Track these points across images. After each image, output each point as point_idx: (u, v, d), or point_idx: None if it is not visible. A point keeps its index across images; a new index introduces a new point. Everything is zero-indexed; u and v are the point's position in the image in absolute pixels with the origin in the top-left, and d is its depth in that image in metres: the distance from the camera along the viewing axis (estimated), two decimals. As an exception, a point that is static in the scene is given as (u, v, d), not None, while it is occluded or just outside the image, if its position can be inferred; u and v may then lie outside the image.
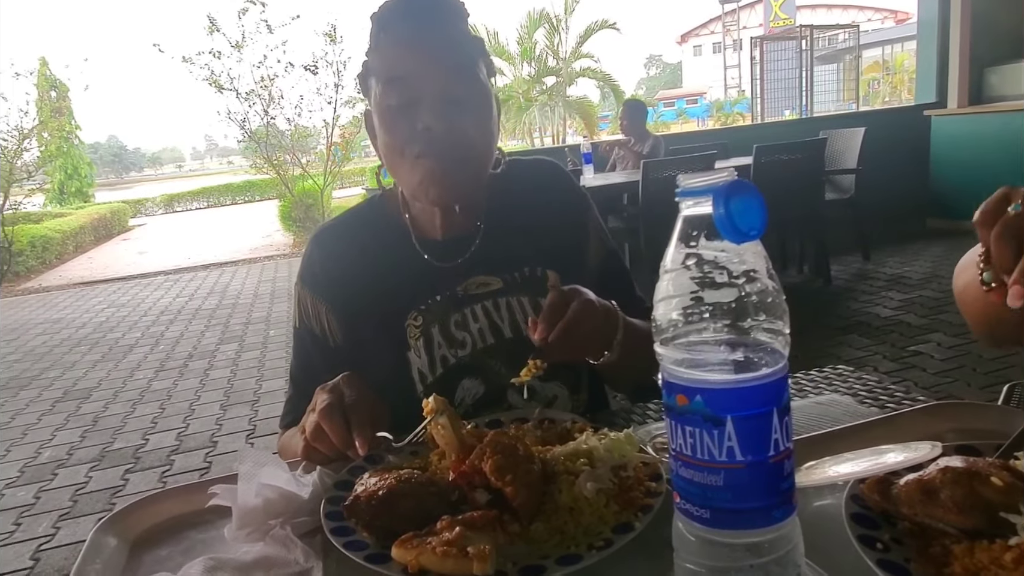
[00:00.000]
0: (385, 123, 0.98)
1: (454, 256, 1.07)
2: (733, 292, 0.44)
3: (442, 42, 0.97)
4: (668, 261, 0.47)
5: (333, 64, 11.31)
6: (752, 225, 0.42)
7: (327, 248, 1.11)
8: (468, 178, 1.00)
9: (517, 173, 1.13)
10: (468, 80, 0.97)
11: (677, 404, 0.46)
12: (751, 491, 0.44)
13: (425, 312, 1.04)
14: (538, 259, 1.08)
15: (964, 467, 0.55)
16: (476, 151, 0.99)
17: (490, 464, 0.66)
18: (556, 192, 1.16)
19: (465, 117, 0.96)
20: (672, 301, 0.46)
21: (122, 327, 6.74)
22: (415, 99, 0.95)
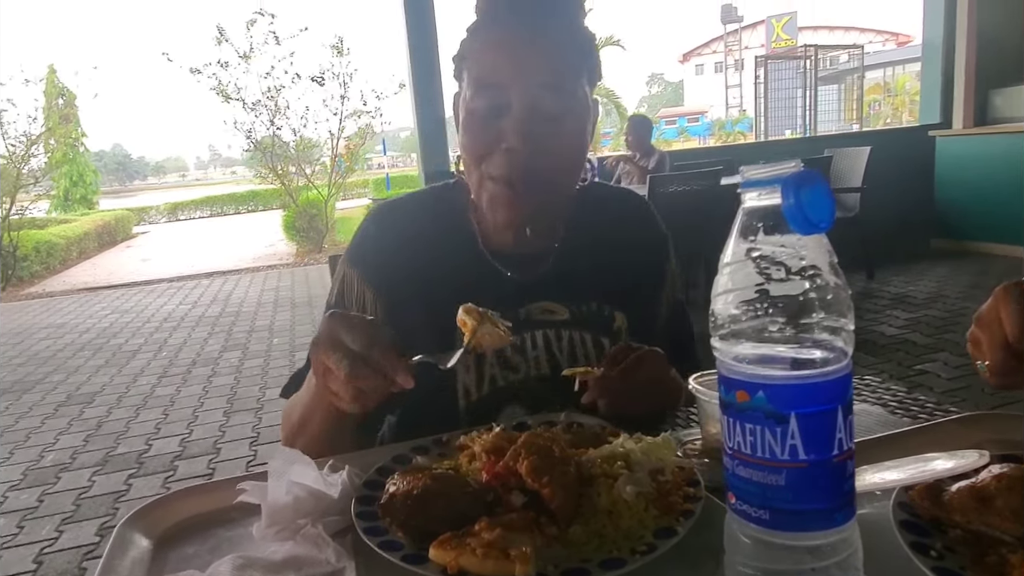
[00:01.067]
0: (468, 126, 0.93)
1: (522, 271, 1.00)
2: (797, 286, 0.43)
3: (544, 52, 0.90)
4: (728, 254, 0.46)
5: (339, 76, 11.41)
6: (822, 216, 0.41)
7: (386, 230, 1.03)
8: (544, 204, 0.95)
9: (603, 201, 1.07)
10: (564, 96, 0.91)
11: (737, 400, 0.45)
12: (814, 491, 0.43)
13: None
14: (609, 298, 1.02)
15: (1020, 474, 0.53)
16: (558, 176, 0.94)
17: (526, 465, 0.65)
18: (640, 230, 1.10)
19: (553, 137, 0.90)
20: (731, 295, 0.45)
21: (125, 333, 6.72)
22: (503, 108, 0.90)
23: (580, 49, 0.94)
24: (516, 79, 0.89)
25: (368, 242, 1.03)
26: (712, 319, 0.47)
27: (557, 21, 0.92)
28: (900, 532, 0.55)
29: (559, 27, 0.92)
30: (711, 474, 0.69)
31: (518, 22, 0.91)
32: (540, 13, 0.91)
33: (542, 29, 0.91)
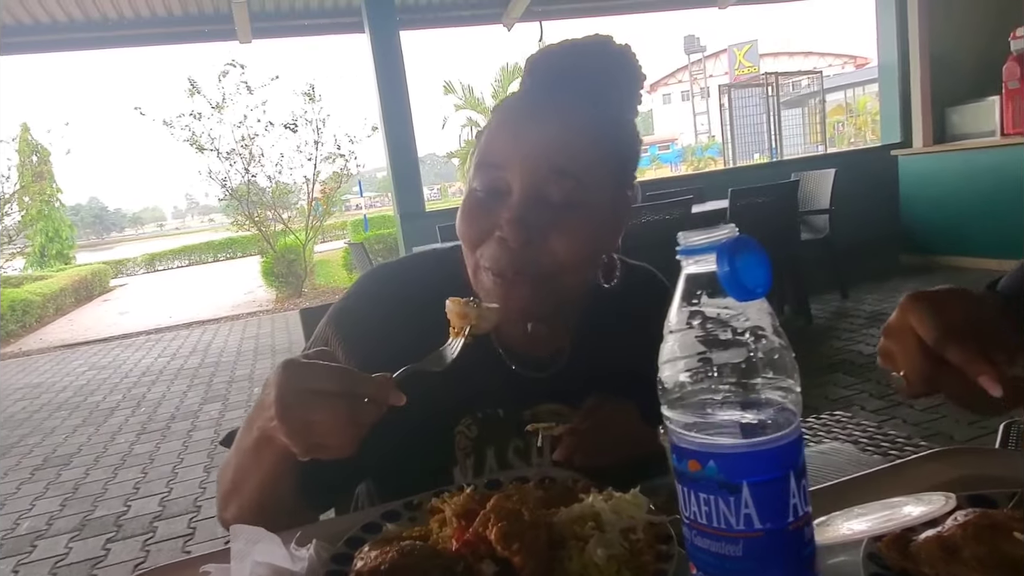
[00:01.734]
0: (464, 208, 0.84)
1: (534, 366, 0.91)
2: (741, 351, 0.43)
3: (557, 133, 0.80)
4: (672, 321, 0.46)
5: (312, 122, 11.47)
6: (758, 282, 0.42)
7: (378, 299, 0.91)
8: (542, 304, 0.84)
9: (622, 294, 0.93)
10: (575, 183, 0.80)
11: (689, 470, 0.44)
12: (773, 561, 0.43)
13: (483, 423, 0.90)
14: (625, 396, 0.91)
15: (985, 522, 0.53)
16: (560, 273, 0.82)
17: (495, 532, 0.64)
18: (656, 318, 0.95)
19: (556, 229, 0.80)
20: (679, 363, 0.45)
21: (103, 389, 6.59)
22: (503, 192, 0.81)
23: (614, 141, 0.85)
24: (518, 160, 0.80)
25: (357, 309, 0.93)
26: (660, 386, 0.47)
27: (588, 103, 0.82)
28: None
29: (587, 109, 0.82)
30: (683, 529, 0.69)
31: (542, 98, 0.83)
32: (573, 92, 0.82)
33: (564, 108, 0.82)
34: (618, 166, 0.86)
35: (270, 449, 0.76)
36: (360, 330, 0.91)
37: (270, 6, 7.30)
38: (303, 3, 7.33)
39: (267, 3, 7.23)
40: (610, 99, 0.86)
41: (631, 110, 0.89)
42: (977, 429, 3.12)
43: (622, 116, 0.88)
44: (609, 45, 0.85)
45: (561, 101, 0.83)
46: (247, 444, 0.79)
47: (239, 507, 0.84)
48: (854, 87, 27.11)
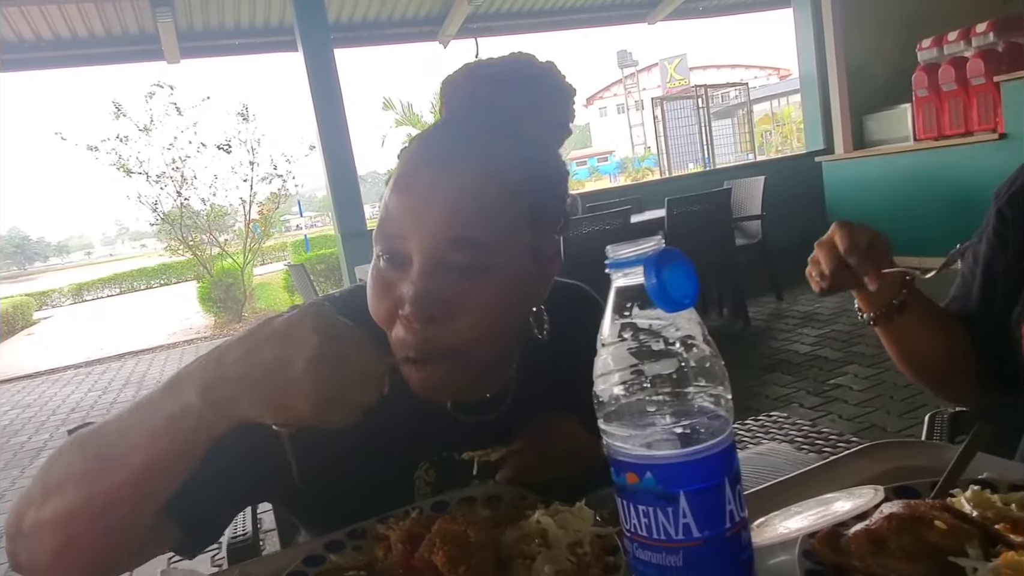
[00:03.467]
0: (371, 281, 0.76)
1: (476, 410, 0.87)
2: (672, 361, 0.44)
3: (445, 203, 0.71)
4: (605, 334, 0.47)
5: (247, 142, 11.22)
6: (685, 293, 0.43)
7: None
8: (455, 382, 0.78)
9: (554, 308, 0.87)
10: (480, 250, 0.72)
11: (628, 483, 0.45)
12: (712, 568, 0.44)
13: (439, 467, 0.87)
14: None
15: (908, 513, 0.56)
16: (469, 351, 0.74)
17: (441, 556, 0.63)
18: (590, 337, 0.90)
19: (463, 298, 0.72)
20: (613, 376, 0.46)
21: (28, 429, 6.23)
22: (404, 261, 0.73)
23: (528, 189, 0.76)
24: (415, 229, 0.72)
25: None
26: (596, 399, 0.47)
27: (502, 144, 0.75)
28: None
29: (496, 159, 0.74)
30: (628, 540, 0.69)
31: (446, 150, 0.75)
32: (486, 131, 0.75)
33: (466, 164, 0.73)
34: (535, 214, 0.77)
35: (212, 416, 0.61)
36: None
37: (199, 25, 7.13)
38: (233, 22, 7.19)
39: (195, 22, 7.06)
40: (532, 128, 0.79)
41: (560, 133, 0.83)
42: (907, 420, 3.27)
43: (542, 152, 0.81)
44: (532, 65, 0.80)
45: (465, 153, 0.74)
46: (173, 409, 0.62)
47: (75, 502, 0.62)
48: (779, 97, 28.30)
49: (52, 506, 0.63)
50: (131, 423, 0.64)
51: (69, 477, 0.64)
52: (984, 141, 5.81)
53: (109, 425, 0.65)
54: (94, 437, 0.66)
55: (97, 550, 0.65)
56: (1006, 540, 0.54)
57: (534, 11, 8.40)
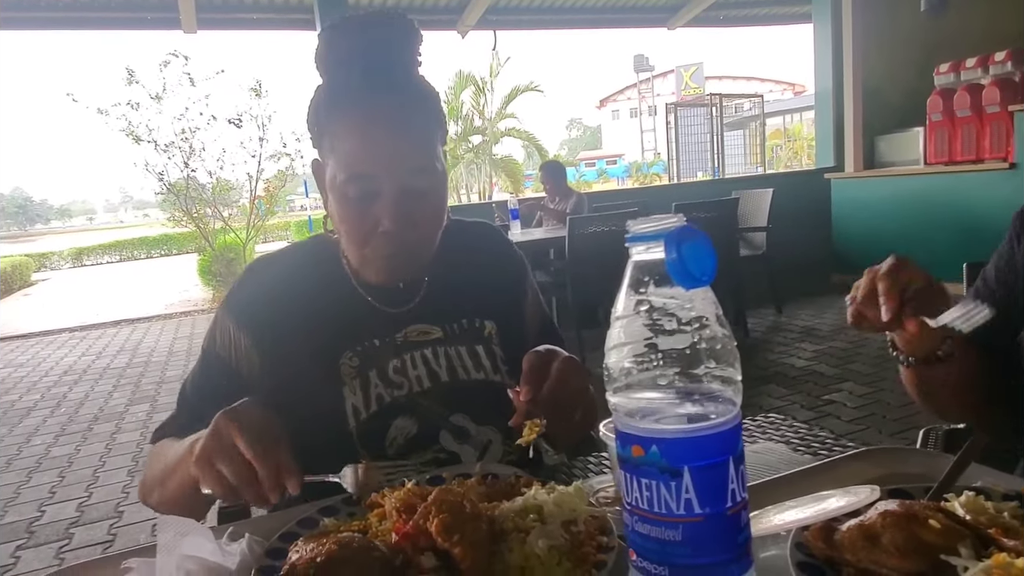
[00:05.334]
0: (343, 211, 0.99)
1: (397, 303, 1.09)
2: (685, 339, 0.44)
3: (411, 138, 0.98)
4: (619, 307, 0.47)
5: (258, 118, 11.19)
6: (704, 270, 0.43)
7: (261, 279, 1.09)
8: (419, 261, 1.05)
9: (461, 233, 1.15)
10: (428, 173, 0.99)
11: (633, 456, 0.45)
12: (711, 545, 0.44)
13: (362, 354, 1.04)
14: (478, 311, 1.12)
15: (903, 511, 0.56)
16: (428, 240, 1.03)
17: (436, 523, 0.63)
18: (497, 254, 1.21)
19: (422, 212, 0.99)
20: (624, 348, 0.46)
21: (19, 389, 6.23)
22: (375, 193, 0.97)
23: (435, 117, 1.02)
24: (387, 169, 0.96)
25: (245, 292, 1.08)
26: (606, 373, 0.47)
27: (407, 100, 0.98)
28: (797, 574, 0.57)
29: (411, 104, 0.99)
30: (623, 522, 0.70)
31: (379, 99, 0.97)
32: (390, 98, 0.97)
33: (405, 109, 0.98)
34: (442, 136, 1.03)
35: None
36: (252, 311, 1.06)
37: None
38: (253, -4, 7.18)
39: (215, -7, 7.04)
40: (407, 60, 1.01)
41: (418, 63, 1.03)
42: (898, 440, 3.28)
43: (423, 82, 1.03)
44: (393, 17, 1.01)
45: (391, 93, 0.97)
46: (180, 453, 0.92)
47: (160, 498, 0.99)
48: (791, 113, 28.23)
49: (157, 496, 1.01)
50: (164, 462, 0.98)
51: (154, 485, 1.00)
52: (994, 169, 5.81)
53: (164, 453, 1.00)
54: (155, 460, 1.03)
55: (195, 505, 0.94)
56: (998, 544, 0.54)
57: (555, 7, 8.38)
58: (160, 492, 0.99)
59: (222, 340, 1.06)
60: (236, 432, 0.79)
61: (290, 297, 1.06)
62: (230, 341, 1.05)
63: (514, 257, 1.22)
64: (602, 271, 4.74)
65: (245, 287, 1.09)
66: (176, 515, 0.86)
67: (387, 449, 1.00)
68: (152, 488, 1.01)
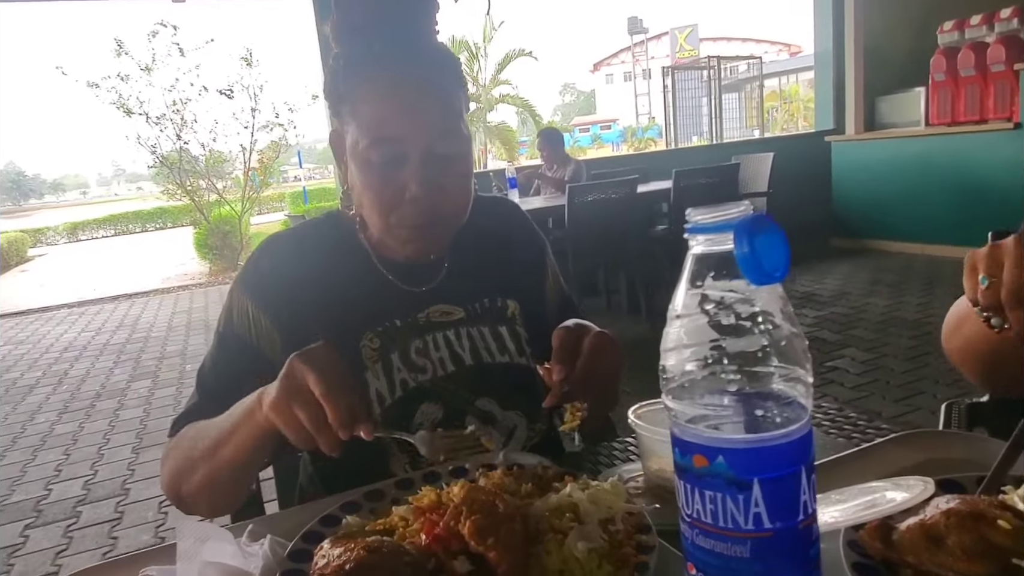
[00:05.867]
0: (367, 178, 0.95)
1: (418, 281, 1.05)
2: (754, 339, 0.41)
3: (437, 102, 0.94)
4: (679, 305, 0.43)
5: (249, 88, 11.00)
6: (777, 265, 0.39)
7: (278, 258, 1.05)
8: (448, 234, 1.01)
9: (480, 209, 1.10)
10: (454, 136, 0.96)
11: (694, 466, 0.42)
12: (781, 561, 0.41)
13: (383, 335, 1.01)
14: (500, 290, 1.09)
15: (968, 510, 0.53)
16: (459, 209, 0.99)
17: (469, 526, 0.60)
18: (517, 230, 1.18)
19: (450, 176, 0.95)
20: (686, 351, 0.42)
21: (20, 366, 6.22)
22: (401, 158, 0.93)
23: (458, 81, 0.99)
24: (413, 133, 0.92)
25: (260, 270, 1.04)
26: (663, 375, 0.44)
27: (431, 67, 0.96)
28: (852, 575, 0.54)
29: (436, 72, 0.96)
30: (661, 516, 0.67)
31: (402, 64, 0.93)
32: (415, 64, 0.94)
33: (429, 72, 0.95)
34: (465, 101, 1.00)
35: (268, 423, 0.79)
36: (270, 289, 1.02)
37: (203, -37, 6.90)
38: (239, -38, 6.96)
39: (200, -41, 6.83)
40: (427, 23, 0.98)
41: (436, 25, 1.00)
42: (903, 406, 3.28)
43: (443, 48, 1.01)
44: None
45: (416, 57, 0.94)
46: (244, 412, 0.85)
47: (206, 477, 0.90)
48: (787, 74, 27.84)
49: (196, 480, 0.91)
50: (226, 419, 0.88)
51: (198, 460, 0.91)
52: (998, 130, 5.73)
53: (213, 424, 0.91)
54: (208, 430, 0.91)
55: (237, 491, 0.96)
56: (1069, 543, 0.51)
57: (550, -31, 8.16)
58: (207, 469, 0.90)
59: (240, 320, 1.02)
60: (308, 372, 0.75)
61: (307, 275, 1.02)
62: (249, 321, 1.01)
63: (535, 234, 1.19)
64: (602, 239, 4.69)
65: (260, 265, 1.05)
66: (224, 492, 0.93)
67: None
68: (191, 471, 0.92)
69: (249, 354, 1.00)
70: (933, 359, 3.86)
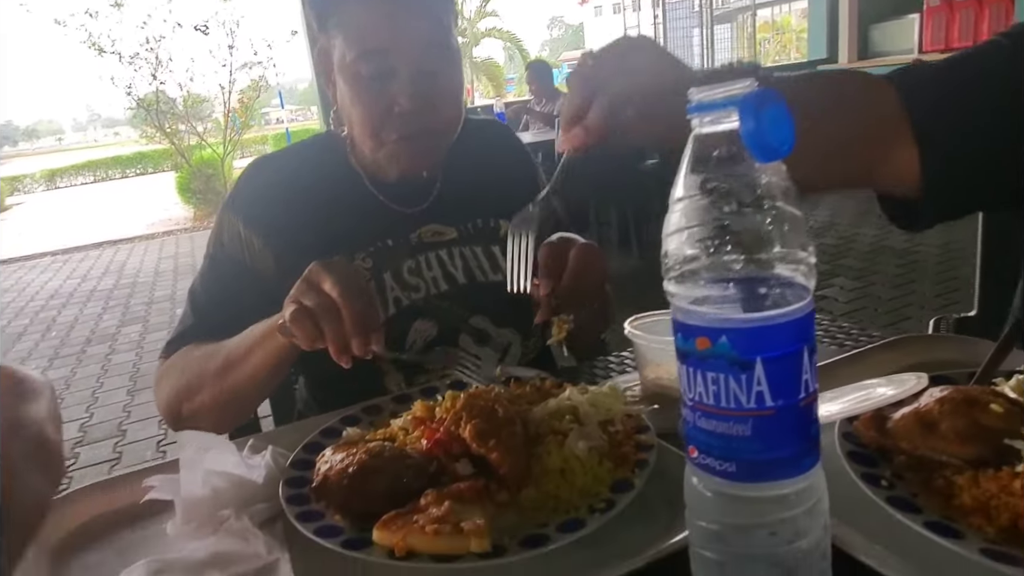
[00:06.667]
0: (355, 92, 0.94)
1: (410, 202, 1.05)
2: (757, 219, 0.40)
3: (424, 13, 0.92)
4: (680, 188, 0.42)
5: (225, 24, 10.61)
6: (783, 139, 0.38)
7: (268, 179, 1.05)
8: (439, 150, 1.01)
9: (473, 131, 1.11)
10: (443, 50, 0.95)
11: (697, 348, 0.42)
12: (782, 439, 0.41)
13: (376, 255, 1.01)
14: (493, 210, 1.08)
15: (961, 396, 0.54)
16: (449, 124, 0.99)
17: (470, 429, 0.61)
18: (508, 151, 1.18)
19: (440, 91, 0.95)
20: (686, 233, 0.41)
21: (7, 314, 6.18)
22: (389, 72, 0.92)
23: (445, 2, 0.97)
24: (402, 45, 0.91)
25: (252, 194, 1.04)
26: (665, 261, 0.43)
27: None
28: (849, 464, 0.55)
29: None
30: (659, 420, 0.68)
31: None
32: None
33: None
34: (454, 17, 0.99)
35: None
36: (261, 209, 1.01)
37: None
38: None
39: None
40: None
41: None
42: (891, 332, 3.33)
43: None
44: None
45: None
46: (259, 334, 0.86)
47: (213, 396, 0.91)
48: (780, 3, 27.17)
49: (200, 399, 0.92)
50: (241, 341, 0.88)
51: (206, 379, 0.91)
52: (993, 56, 5.64)
53: (224, 346, 0.90)
54: (217, 352, 0.91)
55: (239, 412, 0.97)
56: (1060, 427, 0.52)
57: None
58: (216, 390, 0.90)
59: (231, 242, 1.01)
60: (325, 274, 0.75)
61: (298, 196, 1.02)
62: (241, 242, 1.00)
63: (524, 154, 1.19)
64: (593, 172, 4.64)
65: (250, 186, 1.04)
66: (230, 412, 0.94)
67: (407, 352, 0.97)
68: (195, 391, 0.92)
69: (245, 276, 1.00)
70: (919, 286, 3.91)
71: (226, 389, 0.90)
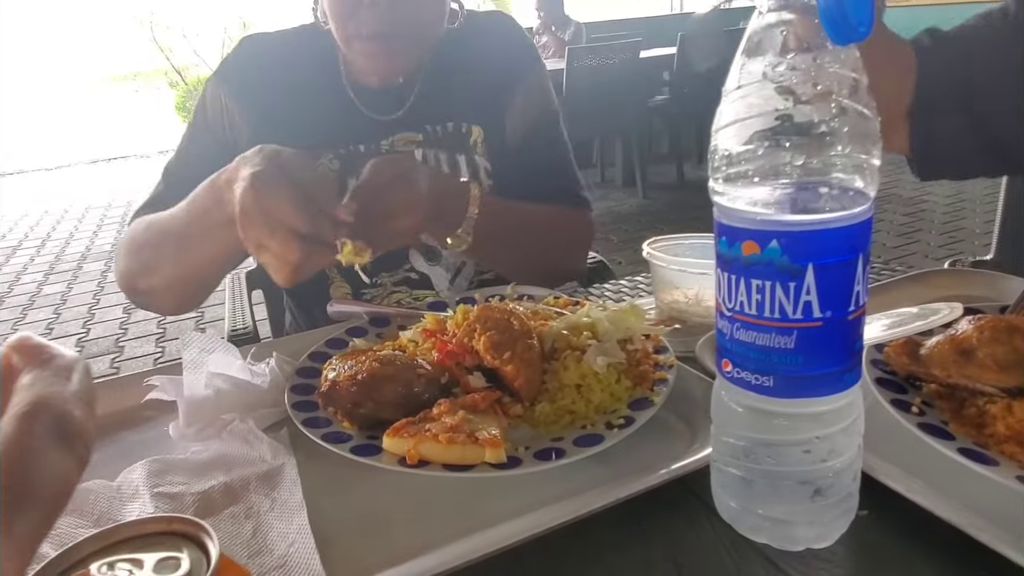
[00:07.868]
0: None
1: (386, 109, 1.01)
2: (818, 113, 0.36)
3: None
4: (736, 77, 0.38)
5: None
6: (862, 19, 0.34)
7: (256, 57, 1.02)
8: (414, 54, 0.95)
9: (468, 29, 1.03)
10: None
11: (743, 254, 0.39)
12: (826, 353, 0.39)
13: (344, 158, 0.98)
14: (465, 114, 1.02)
15: (1001, 324, 0.52)
16: (424, 25, 0.93)
17: (484, 341, 0.59)
18: (506, 48, 1.08)
19: None
20: (736, 127, 0.38)
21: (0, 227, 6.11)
22: None
23: None
24: None
25: (238, 64, 1.02)
26: (713, 158, 0.40)
27: None
28: (878, 389, 0.53)
29: None
30: (676, 343, 0.66)
31: None
32: None
33: None
34: None
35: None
36: (245, 84, 0.99)
37: None
38: None
39: None
40: None
41: None
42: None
43: None
44: None
45: None
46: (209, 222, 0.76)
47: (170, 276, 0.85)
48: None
49: (158, 277, 0.87)
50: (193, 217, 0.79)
51: (160, 261, 0.85)
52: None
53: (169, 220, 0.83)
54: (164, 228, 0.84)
55: (203, 290, 0.90)
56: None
57: None
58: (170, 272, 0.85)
59: (213, 110, 0.99)
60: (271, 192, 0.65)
61: (281, 81, 0.99)
62: (222, 110, 0.99)
63: (524, 51, 1.08)
64: (600, 107, 4.52)
65: (239, 59, 1.02)
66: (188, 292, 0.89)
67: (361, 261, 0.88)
68: (150, 271, 0.87)
69: (220, 143, 0.98)
70: (925, 235, 3.88)
71: (181, 272, 0.85)
